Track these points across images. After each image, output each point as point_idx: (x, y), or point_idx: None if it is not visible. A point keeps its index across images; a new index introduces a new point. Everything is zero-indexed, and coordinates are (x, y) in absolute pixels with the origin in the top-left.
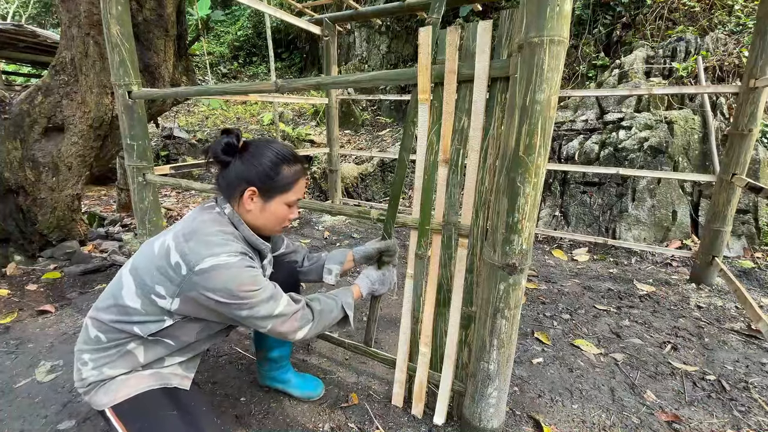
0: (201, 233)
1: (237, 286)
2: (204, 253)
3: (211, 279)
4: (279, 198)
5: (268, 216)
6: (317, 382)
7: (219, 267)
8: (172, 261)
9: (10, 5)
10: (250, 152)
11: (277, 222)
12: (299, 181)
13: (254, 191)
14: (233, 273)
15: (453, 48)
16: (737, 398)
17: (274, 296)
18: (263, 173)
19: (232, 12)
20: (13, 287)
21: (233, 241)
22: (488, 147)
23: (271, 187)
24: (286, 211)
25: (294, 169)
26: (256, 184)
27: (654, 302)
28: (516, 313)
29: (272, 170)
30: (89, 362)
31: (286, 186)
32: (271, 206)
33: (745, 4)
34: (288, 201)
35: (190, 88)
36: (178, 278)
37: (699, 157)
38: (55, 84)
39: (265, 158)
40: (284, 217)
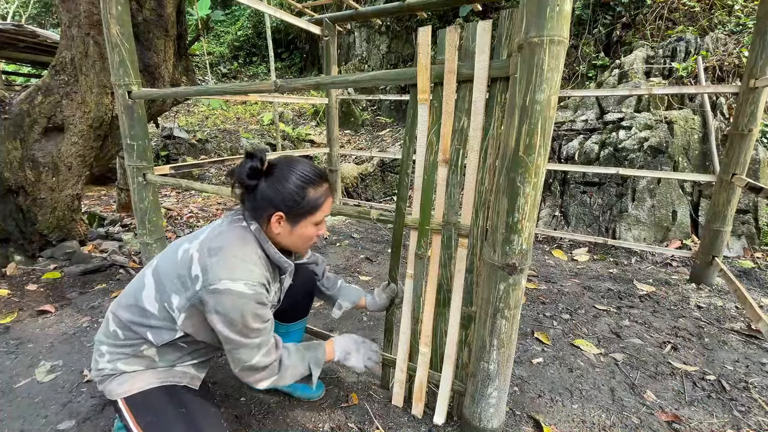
0: (226, 252)
1: (240, 319)
2: (223, 275)
3: (220, 302)
4: (306, 220)
5: (296, 238)
6: (318, 383)
7: (232, 293)
8: (192, 273)
9: (10, 5)
10: (275, 176)
11: (305, 242)
12: (326, 201)
13: (281, 216)
14: (242, 304)
15: (452, 48)
16: (737, 398)
17: (261, 345)
18: (290, 199)
19: (232, 12)
20: (13, 287)
21: (255, 267)
22: (488, 147)
23: (298, 212)
24: (314, 230)
25: (320, 190)
26: (283, 209)
27: (654, 302)
28: (516, 313)
29: (298, 195)
30: (106, 354)
31: (313, 209)
32: (298, 229)
33: (745, 4)
34: (315, 221)
35: (190, 88)
36: (192, 290)
37: (699, 157)
38: (55, 84)
39: (291, 183)
40: (311, 237)
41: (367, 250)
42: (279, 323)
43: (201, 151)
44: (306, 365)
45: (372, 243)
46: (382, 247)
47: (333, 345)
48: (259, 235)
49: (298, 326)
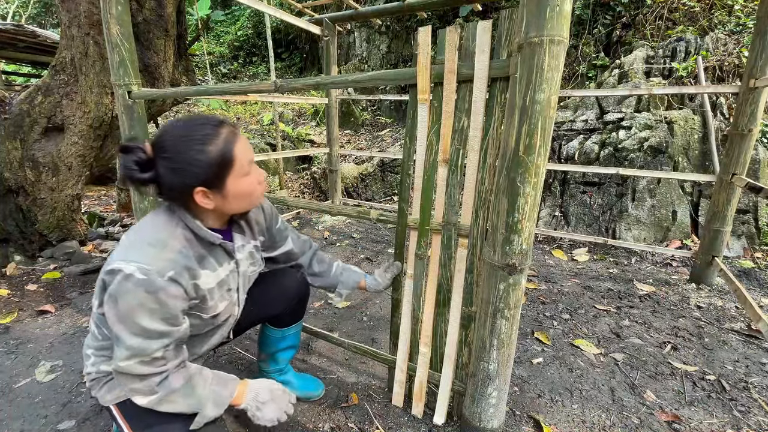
0: (136, 233)
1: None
2: (118, 256)
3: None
4: (230, 178)
5: (234, 199)
6: (317, 383)
7: (119, 273)
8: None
9: (10, 5)
10: (168, 155)
11: (248, 197)
12: (235, 144)
13: (203, 191)
14: (127, 290)
15: (452, 48)
16: (737, 398)
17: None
18: (196, 171)
19: (232, 12)
20: (13, 287)
21: (163, 252)
22: (488, 147)
23: (215, 176)
24: (247, 181)
25: (220, 139)
26: (198, 182)
27: (654, 302)
28: (516, 313)
29: (201, 161)
30: (92, 356)
31: (227, 163)
32: (230, 191)
33: (745, 4)
34: (242, 172)
35: (190, 88)
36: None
37: (699, 157)
38: (55, 84)
39: (187, 154)
40: (251, 189)
41: (367, 250)
42: (274, 328)
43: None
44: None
45: (372, 243)
46: (382, 247)
47: (246, 387)
48: (184, 216)
49: (293, 330)
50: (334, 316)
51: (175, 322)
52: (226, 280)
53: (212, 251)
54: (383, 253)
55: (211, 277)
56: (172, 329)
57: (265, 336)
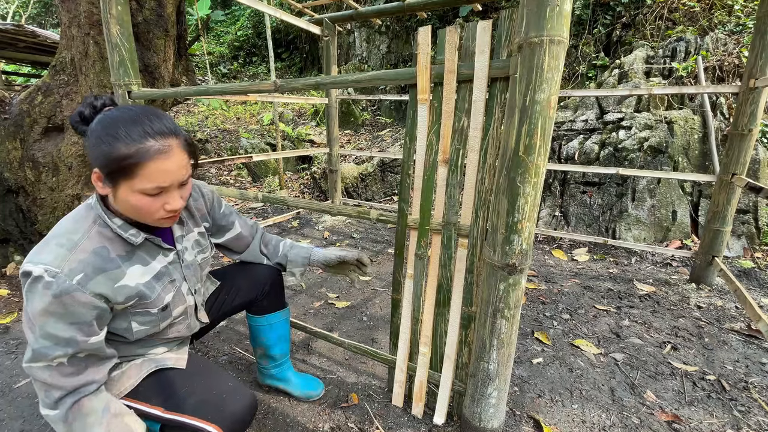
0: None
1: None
2: (30, 256)
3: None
4: (124, 184)
5: (125, 204)
6: (317, 382)
7: (28, 276)
8: None
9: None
10: (95, 124)
11: (140, 213)
12: (151, 161)
13: (98, 174)
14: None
15: (452, 48)
16: (737, 398)
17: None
18: (97, 151)
19: (232, 12)
20: (13, 287)
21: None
22: (488, 147)
23: (110, 170)
24: (145, 201)
25: (139, 146)
26: (97, 164)
27: (654, 302)
28: (516, 313)
29: (106, 144)
30: None
31: (126, 169)
32: (120, 193)
33: (745, 4)
34: (138, 189)
35: (190, 88)
36: None
37: (699, 157)
38: (55, 84)
39: (101, 133)
40: (147, 208)
41: (367, 250)
42: (258, 316)
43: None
44: None
45: (372, 243)
46: (382, 247)
47: None
48: (97, 208)
49: (278, 318)
50: (334, 316)
51: (86, 330)
52: (164, 272)
53: (137, 251)
54: (383, 253)
55: (143, 272)
56: (81, 338)
57: (252, 328)
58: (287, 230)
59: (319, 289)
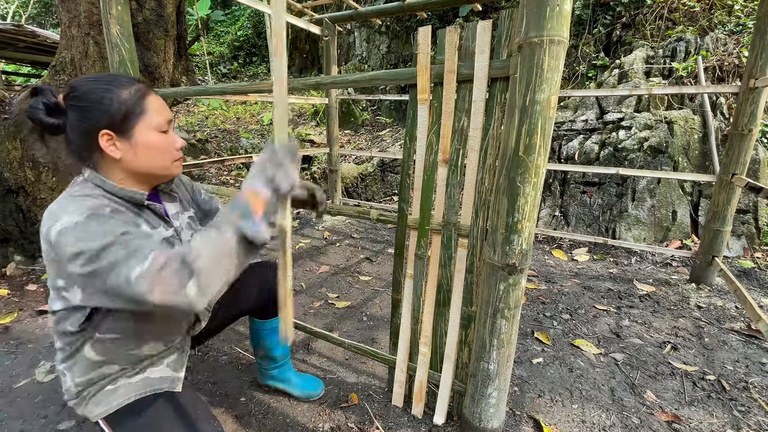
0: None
1: (85, 244)
2: (50, 223)
3: (61, 248)
4: (140, 126)
5: (146, 153)
6: (317, 382)
7: (63, 232)
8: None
9: (10, 5)
10: (74, 98)
11: (161, 154)
12: (148, 98)
13: (109, 134)
14: (78, 230)
15: (452, 48)
16: (737, 398)
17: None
18: (104, 108)
19: (232, 12)
20: (13, 287)
21: (85, 201)
22: (488, 147)
23: (122, 119)
24: (162, 138)
25: (134, 88)
26: (104, 125)
27: (654, 302)
28: (516, 313)
29: (110, 99)
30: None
31: (137, 110)
32: (139, 140)
33: (745, 4)
34: (153, 125)
35: (190, 88)
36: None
37: (699, 157)
38: (55, 84)
39: (94, 94)
40: (166, 147)
41: (367, 250)
42: (261, 320)
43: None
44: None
45: (372, 243)
46: (382, 247)
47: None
48: (94, 178)
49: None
50: (334, 316)
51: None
52: (170, 241)
53: (142, 214)
54: (383, 253)
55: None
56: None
57: (254, 331)
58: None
59: (319, 289)
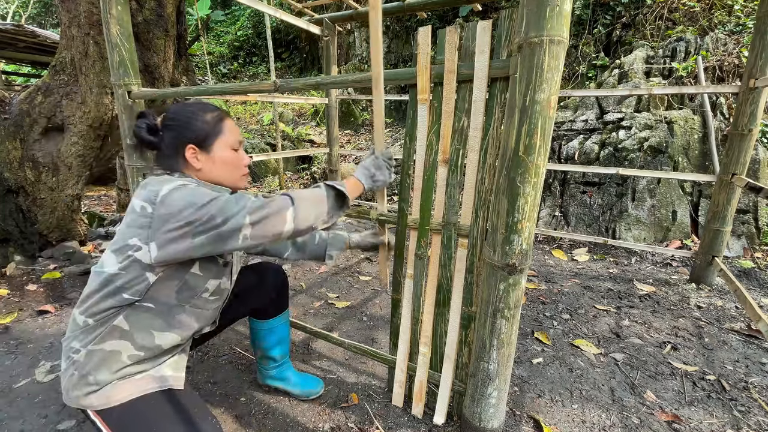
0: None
1: (198, 198)
2: (162, 187)
3: (173, 201)
4: (218, 143)
5: (221, 166)
6: (317, 381)
7: (177, 189)
8: (137, 209)
9: (10, 5)
10: (170, 120)
11: (233, 169)
12: (226, 121)
13: (194, 148)
14: (191, 189)
15: (452, 48)
16: (737, 398)
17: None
18: (192, 128)
19: (232, 12)
20: (13, 287)
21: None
22: (488, 147)
23: (205, 136)
24: (234, 155)
25: (214, 113)
26: (190, 140)
27: (654, 302)
28: (516, 313)
29: (196, 120)
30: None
31: (216, 128)
32: (216, 154)
33: (744, 4)
34: (228, 143)
35: (190, 88)
36: (148, 219)
37: (699, 157)
38: (55, 84)
39: (184, 115)
40: (237, 163)
41: (367, 250)
42: (260, 321)
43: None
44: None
45: None
46: None
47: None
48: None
49: (279, 321)
50: (334, 316)
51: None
52: None
53: None
54: None
55: None
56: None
57: (254, 331)
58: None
59: (319, 289)
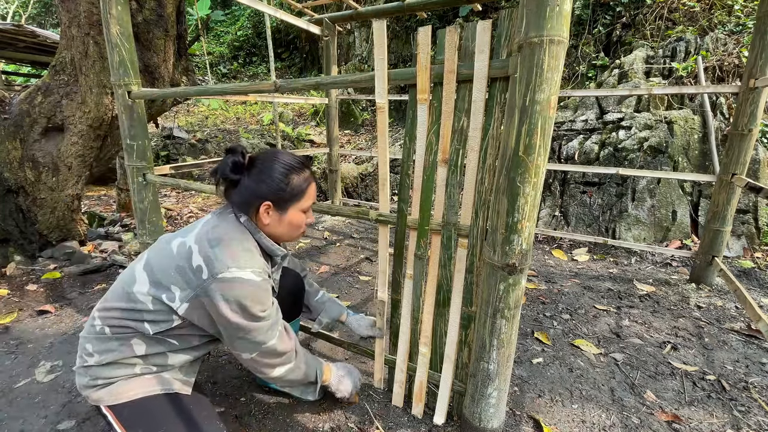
0: (227, 241)
1: (251, 304)
2: (230, 263)
3: (230, 289)
4: (294, 207)
5: (286, 226)
6: None
7: (242, 280)
8: (194, 264)
9: (10, 5)
10: (258, 168)
11: (295, 229)
12: (310, 187)
13: (269, 206)
14: (253, 290)
15: (452, 48)
16: (737, 398)
17: (273, 327)
18: (275, 187)
19: (232, 12)
20: (13, 287)
21: (257, 256)
22: (488, 147)
23: (284, 199)
24: (302, 217)
25: (303, 176)
26: (270, 198)
27: (654, 302)
28: (516, 313)
29: (283, 182)
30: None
31: (298, 195)
32: (287, 216)
33: (744, 4)
34: (303, 208)
35: (190, 88)
36: (197, 281)
37: (699, 157)
38: (55, 84)
39: (275, 172)
40: (300, 225)
41: (367, 250)
42: None
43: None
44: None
45: (372, 243)
46: None
47: (328, 366)
48: (250, 226)
49: (293, 326)
50: None
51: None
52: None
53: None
54: None
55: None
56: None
57: None
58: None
59: None
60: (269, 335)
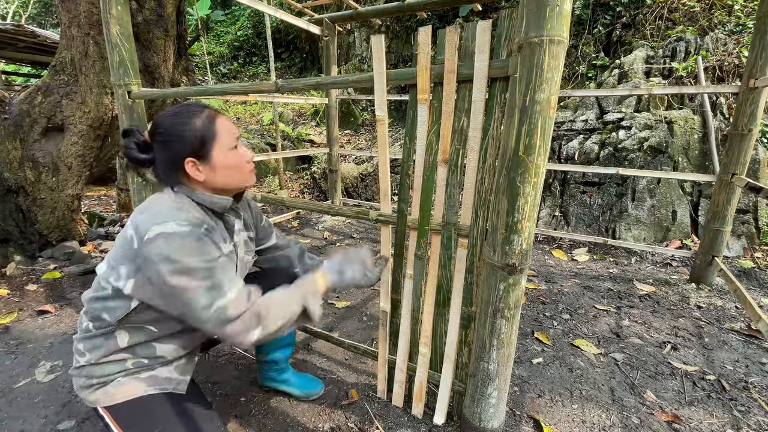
0: (153, 204)
1: (180, 256)
2: (152, 222)
3: (156, 247)
4: (216, 148)
5: (224, 171)
6: (317, 381)
7: (165, 234)
8: (128, 234)
9: (10, 5)
10: (159, 135)
11: (237, 171)
12: (218, 121)
13: (192, 161)
14: (179, 241)
15: (452, 48)
16: (737, 398)
17: (215, 287)
18: (184, 141)
19: (232, 12)
20: (13, 287)
21: (184, 211)
22: (488, 147)
23: (200, 147)
24: (235, 155)
25: (204, 116)
26: (186, 154)
27: (654, 302)
28: (516, 313)
29: (187, 132)
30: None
31: (210, 132)
32: (217, 161)
33: (744, 4)
34: (226, 144)
35: (190, 88)
36: (133, 252)
37: (699, 157)
38: (55, 84)
39: (175, 128)
40: (239, 163)
41: None
42: None
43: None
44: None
45: (372, 243)
46: None
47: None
48: (184, 189)
49: None
50: (334, 316)
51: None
52: (230, 257)
53: (218, 225)
54: None
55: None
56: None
57: None
58: (287, 230)
59: None
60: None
